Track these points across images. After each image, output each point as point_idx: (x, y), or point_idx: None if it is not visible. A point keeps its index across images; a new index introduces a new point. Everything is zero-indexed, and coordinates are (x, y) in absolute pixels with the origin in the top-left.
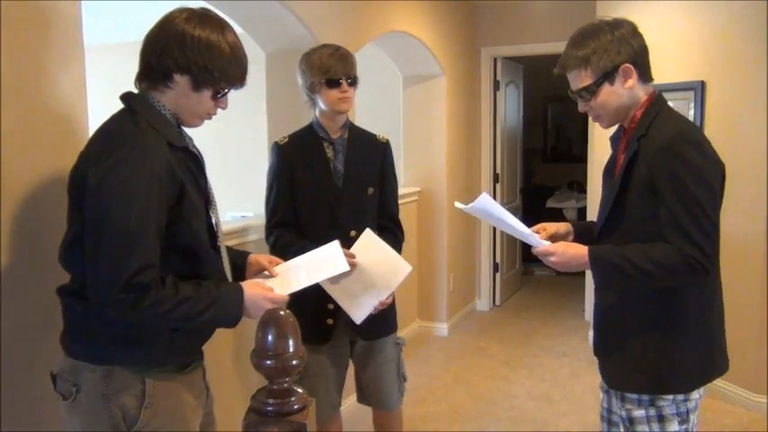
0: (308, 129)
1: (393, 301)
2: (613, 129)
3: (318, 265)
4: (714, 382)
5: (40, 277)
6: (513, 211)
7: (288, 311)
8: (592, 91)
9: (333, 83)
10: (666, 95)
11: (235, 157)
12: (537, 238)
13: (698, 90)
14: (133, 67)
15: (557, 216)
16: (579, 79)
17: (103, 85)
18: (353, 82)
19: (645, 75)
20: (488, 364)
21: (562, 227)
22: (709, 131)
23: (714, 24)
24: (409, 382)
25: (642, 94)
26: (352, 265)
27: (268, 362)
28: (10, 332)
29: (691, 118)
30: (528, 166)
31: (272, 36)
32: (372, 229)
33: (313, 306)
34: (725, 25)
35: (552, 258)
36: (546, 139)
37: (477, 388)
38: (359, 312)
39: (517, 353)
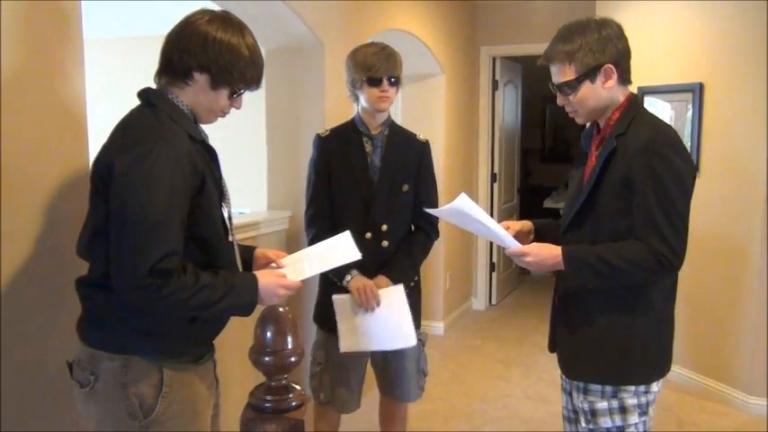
0: (350, 123)
1: (419, 298)
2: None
3: (330, 253)
4: (709, 383)
5: (42, 271)
6: (511, 211)
7: (287, 308)
8: (573, 87)
9: (374, 81)
10: (664, 97)
11: (232, 152)
12: (512, 239)
13: (696, 92)
14: (136, 60)
15: (553, 216)
16: (562, 73)
17: (106, 79)
18: (395, 82)
19: (625, 77)
20: (484, 364)
21: (526, 225)
22: (708, 133)
23: (713, 26)
24: None
25: (620, 95)
26: (369, 306)
27: (266, 358)
28: (12, 327)
29: (689, 120)
30: (526, 166)
31: (273, 33)
32: (406, 226)
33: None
34: (723, 27)
35: (527, 258)
36: (544, 140)
37: (473, 387)
38: (346, 343)
39: (513, 352)
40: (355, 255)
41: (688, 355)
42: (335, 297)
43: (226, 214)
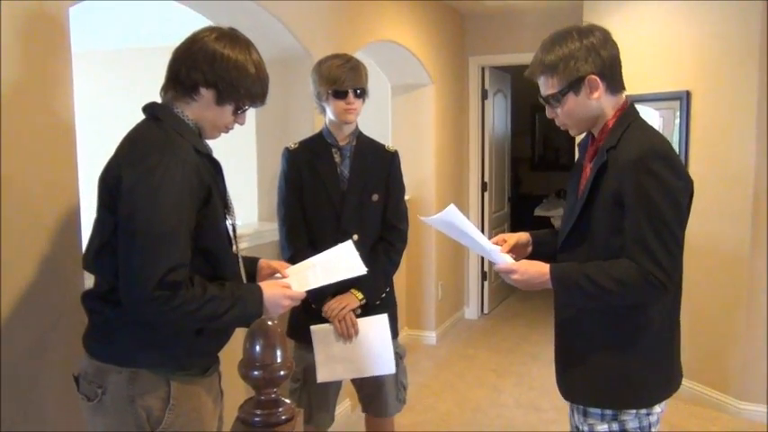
0: (318, 135)
1: (395, 308)
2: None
3: (335, 265)
4: (701, 389)
5: (36, 283)
6: (501, 219)
7: (275, 321)
8: (558, 99)
9: (339, 94)
10: (652, 105)
11: (223, 164)
12: (500, 255)
13: (683, 100)
14: (132, 72)
15: (544, 224)
16: (546, 86)
17: (97, 91)
18: (361, 94)
19: (614, 86)
20: (477, 373)
21: (522, 237)
22: (695, 141)
23: (699, 35)
24: None
25: (611, 104)
26: (349, 335)
27: (255, 372)
28: (11, 341)
29: (676, 128)
30: (516, 175)
31: (261, 45)
32: (378, 235)
33: (317, 310)
34: (710, 35)
35: (514, 276)
36: (534, 148)
37: (466, 396)
38: (324, 373)
39: (505, 361)
40: (361, 269)
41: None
42: (313, 328)
43: (230, 226)
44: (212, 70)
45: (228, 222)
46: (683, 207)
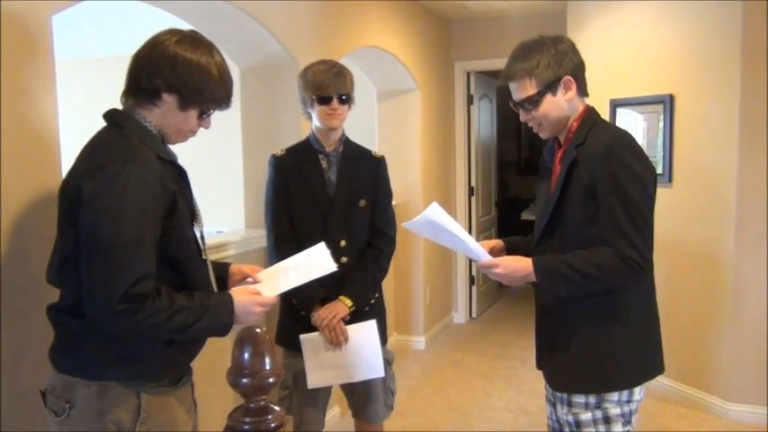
0: (305, 142)
1: (383, 314)
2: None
3: (306, 266)
4: (687, 390)
5: (12, 295)
6: (489, 224)
7: (264, 329)
8: (534, 101)
9: (324, 99)
10: (636, 109)
11: (209, 172)
12: (483, 251)
13: (667, 103)
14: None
15: (531, 228)
16: (523, 90)
17: (81, 99)
18: (346, 100)
19: (582, 88)
20: (466, 377)
21: (498, 244)
22: (679, 143)
23: (682, 38)
24: None
25: (578, 107)
26: (338, 343)
27: (244, 380)
28: None
29: (660, 131)
30: (502, 179)
31: (247, 52)
32: (365, 241)
33: (306, 317)
34: (693, 39)
35: (497, 270)
36: (520, 152)
37: (455, 401)
38: (314, 379)
39: (494, 365)
40: (331, 266)
41: (666, 363)
42: (302, 337)
43: (198, 234)
44: (174, 75)
45: (196, 230)
46: (650, 192)
